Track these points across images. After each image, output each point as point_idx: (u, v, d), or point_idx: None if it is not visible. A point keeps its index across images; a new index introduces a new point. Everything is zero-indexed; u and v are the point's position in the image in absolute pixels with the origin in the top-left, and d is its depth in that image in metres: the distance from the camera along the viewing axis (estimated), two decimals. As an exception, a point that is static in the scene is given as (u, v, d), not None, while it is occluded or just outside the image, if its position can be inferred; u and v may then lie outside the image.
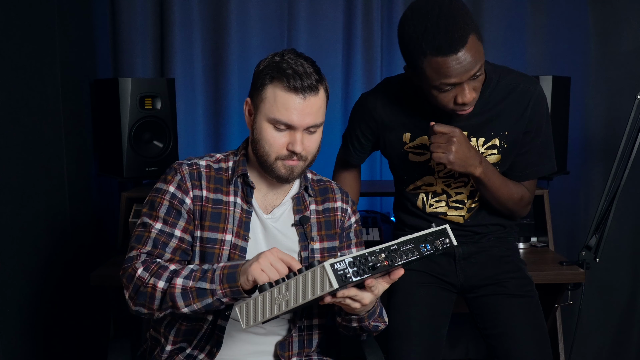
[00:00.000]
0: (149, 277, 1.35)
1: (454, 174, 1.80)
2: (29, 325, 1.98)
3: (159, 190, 1.47)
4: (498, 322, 1.79)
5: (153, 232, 1.43)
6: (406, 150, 1.81)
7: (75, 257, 2.31)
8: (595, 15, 2.81)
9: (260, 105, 1.42)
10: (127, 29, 2.71)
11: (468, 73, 1.53)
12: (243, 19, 2.74)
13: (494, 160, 1.77)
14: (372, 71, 2.80)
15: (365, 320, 1.44)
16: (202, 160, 1.51)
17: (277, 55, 1.42)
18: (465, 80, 1.55)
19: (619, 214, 2.34)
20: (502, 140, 1.75)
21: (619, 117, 2.71)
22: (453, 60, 1.50)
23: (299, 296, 1.16)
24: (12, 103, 1.88)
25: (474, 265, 1.86)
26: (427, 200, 1.85)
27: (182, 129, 2.72)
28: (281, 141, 1.41)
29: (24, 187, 1.94)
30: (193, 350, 1.48)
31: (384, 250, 1.22)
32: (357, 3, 2.77)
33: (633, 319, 2.95)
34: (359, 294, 1.26)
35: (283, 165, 1.43)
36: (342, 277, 1.13)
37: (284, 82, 1.37)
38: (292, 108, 1.38)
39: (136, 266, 1.37)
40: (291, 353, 1.52)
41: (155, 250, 1.42)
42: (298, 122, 1.39)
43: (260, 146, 1.43)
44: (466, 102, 1.58)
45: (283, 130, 1.41)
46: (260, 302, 1.20)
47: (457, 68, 1.51)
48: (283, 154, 1.42)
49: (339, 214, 1.59)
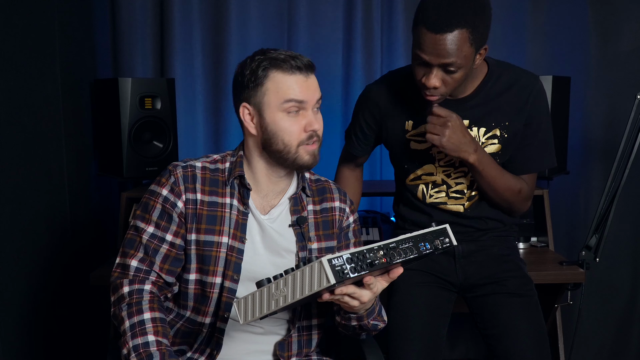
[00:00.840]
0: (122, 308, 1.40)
1: (454, 163, 1.81)
2: (29, 325, 1.98)
3: (152, 193, 1.48)
4: (498, 322, 1.79)
5: (144, 237, 1.45)
6: (408, 139, 1.83)
7: (75, 257, 2.31)
8: (595, 15, 2.81)
9: (263, 100, 1.42)
10: (127, 29, 2.71)
11: (438, 59, 1.57)
12: (243, 19, 2.74)
13: (494, 150, 1.79)
14: (372, 71, 2.80)
15: (364, 319, 1.44)
16: (198, 161, 1.51)
17: (256, 54, 1.46)
18: (435, 65, 1.59)
19: (619, 214, 2.34)
20: (503, 131, 1.77)
21: (619, 117, 2.71)
22: (430, 38, 1.56)
23: (296, 292, 1.16)
24: (12, 103, 1.88)
25: (473, 263, 1.87)
26: (427, 191, 1.86)
27: (182, 129, 2.72)
28: (298, 125, 1.42)
29: (24, 187, 1.94)
30: (193, 354, 1.49)
31: (383, 248, 1.22)
32: (357, 3, 2.77)
33: (633, 319, 2.95)
34: (357, 291, 1.26)
35: (306, 151, 1.44)
36: (339, 273, 1.13)
37: (282, 67, 1.40)
38: (299, 85, 1.40)
39: (123, 283, 1.42)
40: (290, 353, 1.52)
41: (146, 257, 1.44)
42: (310, 97, 1.41)
43: (279, 139, 1.42)
44: (428, 85, 1.62)
45: (295, 114, 1.42)
46: (259, 298, 1.20)
47: (429, 46, 1.57)
48: (304, 138, 1.42)
49: (337, 214, 1.59)
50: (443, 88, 1.64)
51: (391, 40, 2.81)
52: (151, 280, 1.43)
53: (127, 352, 1.34)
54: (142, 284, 1.42)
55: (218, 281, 1.44)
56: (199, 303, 1.46)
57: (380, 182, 2.80)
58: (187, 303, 1.47)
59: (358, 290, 1.26)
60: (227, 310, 1.44)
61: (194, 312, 1.47)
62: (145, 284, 1.42)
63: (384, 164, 2.89)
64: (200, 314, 1.46)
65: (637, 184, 2.73)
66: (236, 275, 1.44)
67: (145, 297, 1.40)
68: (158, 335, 1.35)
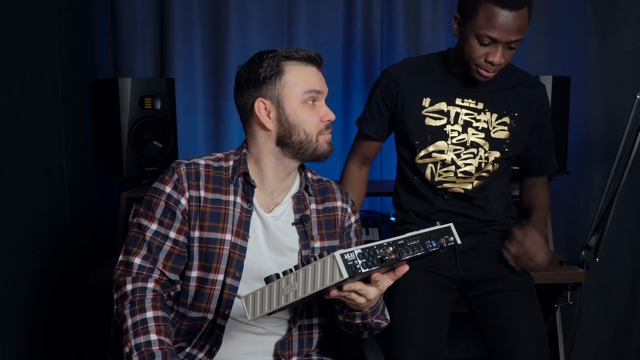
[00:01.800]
0: (125, 306, 1.39)
1: (465, 142, 1.87)
2: (29, 325, 1.98)
3: (156, 190, 1.48)
4: (500, 321, 1.80)
5: (147, 235, 1.45)
6: (424, 115, 1.87)
7: (75, 257, 2.31)
8: (595, 15, 2.81)
9: (282, 93, 1.45)
10: (127, 29, 2.71)
11: (509, 35, 1.68)
12: (243, 19, 2.74)
13: (504, 137, 1.87)
14: (372, 71, 2.80)
15: (368, 316, 1.45)
16: (202, 159, 1.51)
17: (265, 52, 1.48)
18: (503, 42, 1.69)
19: (619, 214, 2.34)
20: (512, 120, 1.87)
21: (619, 117, 2.71)
22: (505, 16, 1.66)
23: (307, 286, 1.16)
24: (12, 103, 1.88)
25: (474, 259, 1.88)
26: (435, 170, 1.88)
27: (182, 129, 2.72)
28: (317, 115, 1.47)
29: (24, 187, 1.94)
30: (192, 349, 1.49)
31: (392, 244, 1.23)
32: (357, 3, 2.77)
33: (633, 319, 2.95)
34: (365, 288, 1.27)
35: (325, 140, 1.48)
36: (351, 268, 1.13)
37: (299, 60, 1.46)
38: (316, 77, 1.47)
39: (126, 281, 1.42)
40: (291, 352, 1.52)
41: (149, 254, 1.44)
42: (324, 88, 1.48)
43: (301, 129, 1.45)
44: (494, 63, 1.72)
45: (312, 105, 1.46)
46: (267, 293, 1.20)
47: (504, 24, 1.67)
48: (322, 127, 1.47)
49: (339, 214, 1.60)
50: (503, 62, 1.74)
51: (391, 40, 2.81)
52: (154, 278, 1.43)
53: (129, 350, 1.34)
54: (145, 282, 1.42)
55: (220, 278, 1.45)
56: (199, 300, 1.46)
57: (380, 182, 2.80)
58: (187, 301, 1.47)
59: (365, 287, 1.27)
60: (227, 307, 1.44)
61: (194, 310, 1.47)
62: (149, 281, 1.42)
63: (384, 164, 2.89)
64: (201, 311, 1.46)
65: (637, 184, 2.73)
66: (238, 272, 1.45)
67: (148, 295, 1.40)
68: (160, 334, 1.35)
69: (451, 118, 1.86)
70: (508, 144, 1.88)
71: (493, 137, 1.87)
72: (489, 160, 1.87)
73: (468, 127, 1.86)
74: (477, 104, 1.86)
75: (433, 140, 1.87)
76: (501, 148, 1.88)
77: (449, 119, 1.86)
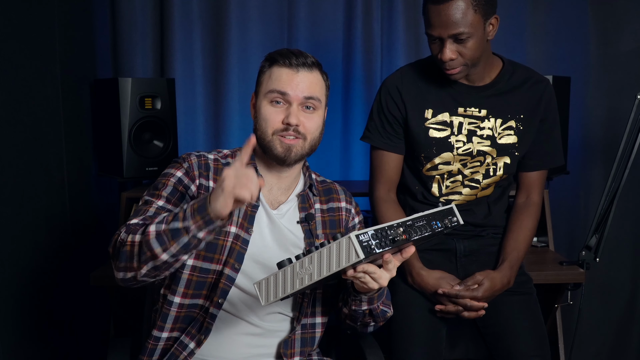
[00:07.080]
0: (126, 236, 1.33)
1: (471, 152, 1.84)
2: (28, 325, 1.98)
3: (165, 174, 1.49)
4: (499, 321, 1.80)
5: (153, 207, 1.43)
6: (427, 127, 1.85)
7: (75, 257, 2.31)
8: (595, 15, 2.81)
9: (260, 89, 1.50)
10: (127, 29, 2.71)
11: (446, 30, 1.65)
12: (243, 19, 2.74)
13: (512, 142, 1.84)
14: (372, 71, 2.80)
15: (374, 301, 1.45)
16: (210, 154, 1.55)
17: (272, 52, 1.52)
18: (446, 37, 1.66)
19: (619, 214, 2.34)
20: (518, 123, 1.84)
21: (619, 117, 2.71)
22: (435, 11, 1.65)
23: (323, 269, 1.17)
24: (12, 103, 1.88)
25: (474, 262, 1.88)
26: (443, 182, 1.87)
27: (182, 129, 2.72)
28: (278, 116, 1.47)
29: (24, 187, 1.94)
30: (184, 337, 1.47)
31: (402, 225, 1.25)
32: (357, 3, 2.76)
33: (633, 319, 2.96)
34: (378, 271, 1.29)
35: (280, 142, 1.47)
36: (367, 248, 1.15)
37: (279, 60, 1.48)
38: (285, 79, 1.46)
39: (120, 231, 1.37)
40: (293, 351, 1.53)
41: (149, 218, 1.39)
42: (293, 92, 1.45)
43: (260, 125, 1.49)
44: (443, 59, 1.69)
45: (280, 106, 1.47)
46: (282, 278, 1.21)
47: (436, 20, 1.65)
48: (278, 128, 1.46)
49: (343, 214, 1.62)
50: (460, 59, 1.70)
51: (391, 40, 2.81)
52: None
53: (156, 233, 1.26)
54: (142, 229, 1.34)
55: (219, 268, 1.45)
56: (191, 288, 1.45)
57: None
58: (178, 288, 1.46)
59: (379, 270, 1.29)
60: (222, 296, 1.44)
61: (183, 297, 1.46)
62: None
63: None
64: (195, 298, 1.46)
65: (637, 184, 2.73)
66: (237, 264, 1.45)
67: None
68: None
69: (455, 128, 1.83)
70: (518, 148, 1.85)
71: (499, 143, 1.84)
72: (497, 166, 1.86)
73: (473, 136, 1.83)
74: (479, 111, 1.83)
75: (438, 152, 1.85)
76: (510, 153, 1.85)
77: (453, 129, 1.83)
